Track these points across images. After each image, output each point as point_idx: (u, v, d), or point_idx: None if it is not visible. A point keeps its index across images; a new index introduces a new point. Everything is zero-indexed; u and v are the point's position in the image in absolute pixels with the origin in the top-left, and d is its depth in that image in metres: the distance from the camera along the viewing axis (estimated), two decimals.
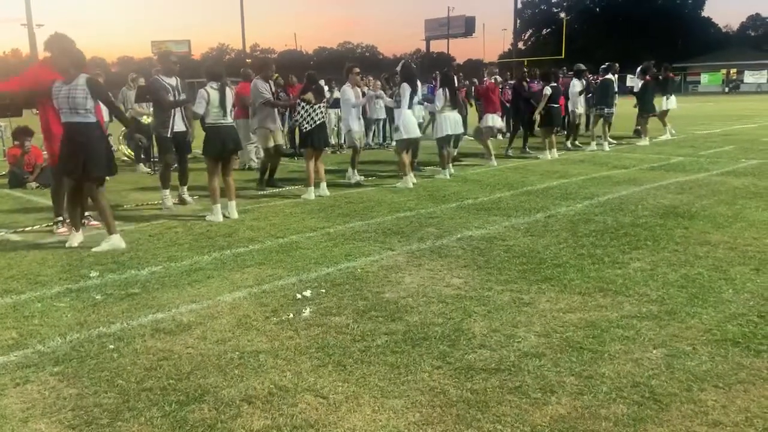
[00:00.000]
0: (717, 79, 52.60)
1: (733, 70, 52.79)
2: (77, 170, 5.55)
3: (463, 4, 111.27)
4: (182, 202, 7.83)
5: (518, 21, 64.32)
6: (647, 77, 13.68)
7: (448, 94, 9.25)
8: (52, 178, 6.50)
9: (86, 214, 6.48)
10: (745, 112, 24.43)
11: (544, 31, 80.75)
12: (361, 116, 9.53)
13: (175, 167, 7.73)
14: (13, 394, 2.98)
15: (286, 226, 6.41)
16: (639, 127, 14.36)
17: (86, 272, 4.91)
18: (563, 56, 43.03)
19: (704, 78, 53.58)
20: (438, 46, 75.84)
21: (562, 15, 66.26)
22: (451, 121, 9.30)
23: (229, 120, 6.93)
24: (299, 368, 3.16)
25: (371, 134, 14.73)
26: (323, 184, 8.28)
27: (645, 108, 13.74)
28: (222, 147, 6.86)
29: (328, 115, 14.24)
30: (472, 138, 12.03)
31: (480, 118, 11.44)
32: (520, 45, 73.45)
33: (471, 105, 14.11)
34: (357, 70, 9.34)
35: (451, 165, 9.79)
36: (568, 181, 8.78)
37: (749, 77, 51.51)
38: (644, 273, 4.54)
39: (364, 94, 9.74)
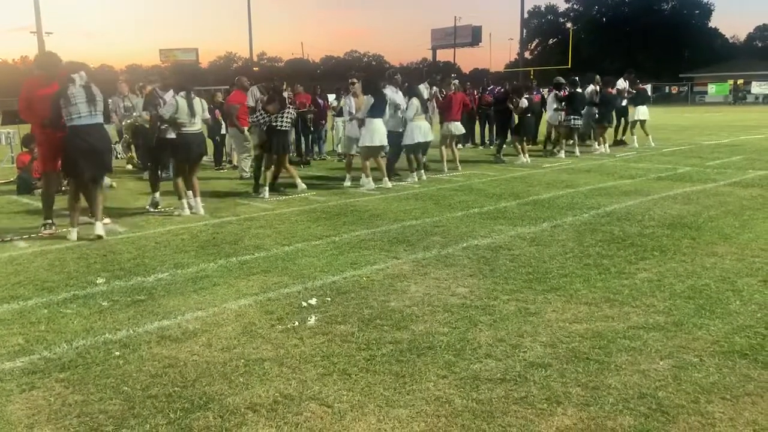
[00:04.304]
0: (724, 89, 52.37)
1: (740, 81, 52.58)
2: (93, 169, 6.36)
3: (470, 14, 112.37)
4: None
5: (525, 31, 64.40)
6: (609, 89, 14.06)
7: (419, 103, 9.97)
8: (48, 182, 6.79)
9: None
10: (752, 122, 24.35)
11: (551, 41, 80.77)
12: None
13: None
14: (18, 400, 2.98)
15: (291, 234, 6.42)
16: (623, 137, 15.39)
17: (93, 279, 4.93)
18: (569, 66, 43.05)
19: (711, 88, 53.36)
20: (444, 55, 76.09)
21: (569, 25, 66.31)
22: (422, 130, 10.01)
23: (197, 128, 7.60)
24: (304, 376, 3.16)
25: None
26: (299, 180, 9.23)
27: (602, 118, 14.03)
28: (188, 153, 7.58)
29: (336, 124, 14.41)
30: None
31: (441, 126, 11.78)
32: (527, 54, 73.50)
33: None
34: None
35: (423, 171, 10.38)
36: (575, 191, 8.76)
37: (756, 88, 51.26)
38: (651, 284, 4.52)
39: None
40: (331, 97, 15.34)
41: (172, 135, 7.54)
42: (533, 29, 80.00)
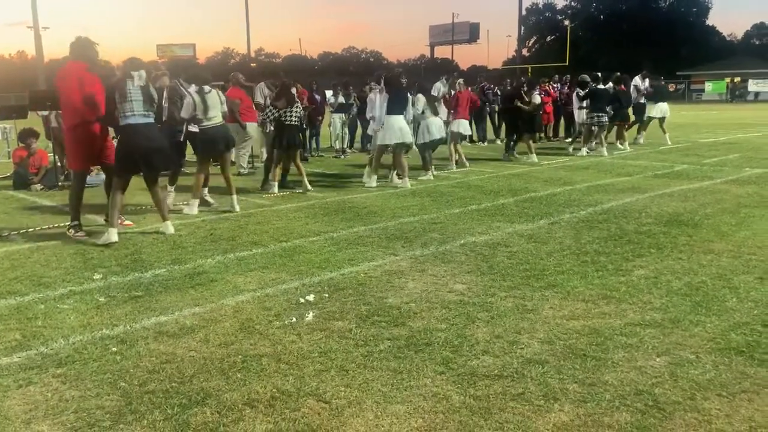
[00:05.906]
0: (721, 87, 52.47)
1: (737, 79, 52.67)
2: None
3: (468, 11, 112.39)
4: (204, 203, 7.85)
5: (523, 28, 64.45)
6: (622, 87, 13.75)
7: (425, 100, 10.00)
8: (77, 181, 6.50)
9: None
10: (749, 120, 24.41)
11: (549, 38, 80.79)
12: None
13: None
14: (15, 395, 2.98)
15: (289, 230, 6.42)
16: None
17: (90, 274, 4.92)
18: (567, 63, 43.06)
19: (708, 86, 53.48)
20: (442, 51, 76.19)
21: (567, 22, 66.24)
22: (436, 127, 10.02)
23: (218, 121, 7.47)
24: (302, 372, 3.16)
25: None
26: (305, 180, 8.98)
27: (617, 116, 13.71)
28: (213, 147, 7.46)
29: (333, 120, 14.39)
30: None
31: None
32: (525, 52, 73.60)
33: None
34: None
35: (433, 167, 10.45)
36: (572, 188, 8.77)
37: (753, 86, 51.39)
38: (648, 281, 4.54)
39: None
40: (329, 93, 15.28)
41: (195, 128, 7.46)
42: (531, 26, 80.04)
